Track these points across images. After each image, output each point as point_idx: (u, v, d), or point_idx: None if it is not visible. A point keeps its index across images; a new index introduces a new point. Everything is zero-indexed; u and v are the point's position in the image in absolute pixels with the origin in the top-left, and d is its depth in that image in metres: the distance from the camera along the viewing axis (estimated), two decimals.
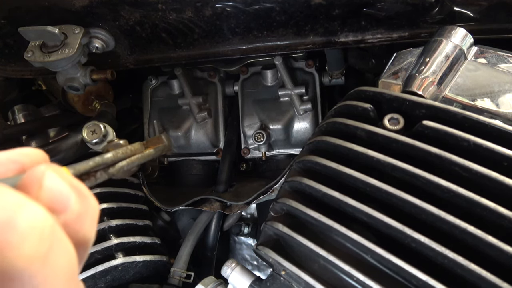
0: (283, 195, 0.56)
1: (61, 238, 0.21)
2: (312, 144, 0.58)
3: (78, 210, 0.23)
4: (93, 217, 0.24)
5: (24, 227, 0.19)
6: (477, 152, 0.46)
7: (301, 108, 0.97)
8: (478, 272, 0.40)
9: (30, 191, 0.21)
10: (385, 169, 0.49)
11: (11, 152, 0.24)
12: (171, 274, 0.89)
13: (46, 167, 0.22)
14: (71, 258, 0.21)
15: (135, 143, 0.37)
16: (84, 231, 0.23)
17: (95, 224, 0.24)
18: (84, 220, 0.23)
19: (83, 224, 0.23)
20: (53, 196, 0.22)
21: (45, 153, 0.26)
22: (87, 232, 0.23)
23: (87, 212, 0.23)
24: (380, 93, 0.56)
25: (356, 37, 0.77)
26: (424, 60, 0.60)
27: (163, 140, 0.41)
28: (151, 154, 0.38)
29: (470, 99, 0.57)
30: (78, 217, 0.23)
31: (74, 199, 0.23)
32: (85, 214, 0.23)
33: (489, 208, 0.42)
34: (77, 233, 0.23)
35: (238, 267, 0.60)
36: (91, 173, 0.31)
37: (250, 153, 1.04)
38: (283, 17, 0.76)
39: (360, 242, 0.47)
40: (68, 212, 0.22)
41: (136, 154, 0.36)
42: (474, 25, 0.71)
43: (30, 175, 0.22)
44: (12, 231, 0.19)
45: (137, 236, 0.84)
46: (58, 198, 0.22)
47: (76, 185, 0.23)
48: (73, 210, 0.22)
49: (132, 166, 0.35)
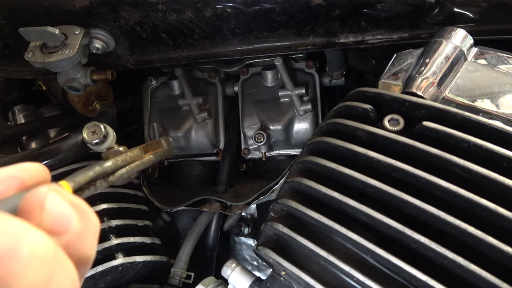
0: (283, 195, 0.56)
1: (62, 261, 0.21)
2: (312, 145, 0.58)
3: (79, 229, 0.23)
4: (94, 234, 0.24)
5: (26, 255, 0.19)
6: (477, 153, 0.46)
7: (301, 109, 0.97)
8: (478, 273, 0.40)
9: (32, 215, 0.22)
10: (385, 170, 0.49)
11: (10, 168, 0.24)
12: (171, 274, 0.89)
13: (47, 189, 0.23)
14: (72, 279, 0.22)
15: (135, 149, 0.37)
16: (86, 250, 0.23)
17: (95, 241, 0.24)
18: (85, 239, 0.23)
19: (84, 242, 0.23)
20: (54, 218, 0.22)
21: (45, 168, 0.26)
22: (88, 250, 0.24)
23: (88, 230, 0.24)
24: (380, 94, 0.56)
25: (356, 38, 0.77)
26: (424, 61, 0.60)
27: (163, 144, 0.41)
28: (151, 160, 0.38)
29: (470, 100, 0.57)
30: (79, 236, 0.23)
31: (75, 219, 0.23)
32: (86, 232, 0.23)
33: (489, 208, 0.42)
34: (78, 252, 0.23)
35: (238, 267, 0.60)
36: (91, 182, 0.31)
37: (250, 154, 1.04)
38: (283, 18, 0.76)
39: (360, 242, 0.47)
40: (69, 232, 0.22)
41: (136, 161, 0.36)
42: (474, 26, 0.71)
43: (31, 198, 0.22)
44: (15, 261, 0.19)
45: (137, 237, 0.84)
46: (59, 220, 0.22)
47: (76, 203, 0.24)
48: (74, 230, 0.23)
49: (131, 173, 0.35)
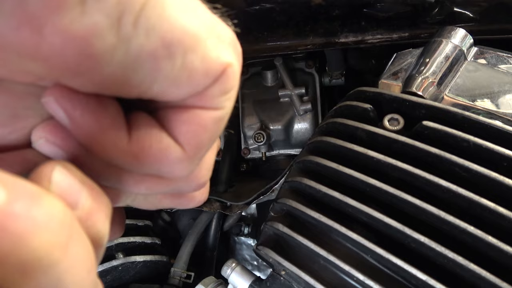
0: (283, 195, 0.56)
1: (79, 231, 0.20)
2: (312, 144, 0.58)
3: (90, 206, 0.22)
4: (106, 214, 0.23)
5: (43, 215, 0.18)
6: (477, 153, 0.46)
7: (301, 109, 0.97)
8: (478, 272, 0.40)
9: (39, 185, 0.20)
10: (385, 169, 0.49)
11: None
12: (171, 274, 0.89)
13: (55, 163, 0.22)
14: (89, 251, 0.21)
15: None
16: (97, 228, 0.22)
17: (108, 222, 0.23)
18: (97, 217, 0.22)
19: (96, 221, 0.22)
20: (63, 190, 0.21)
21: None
22: (101, 229, 0.23)
23: (100, 208, 0.23)
24: (380, 94, 0.56)
25: (356, 38, 0.77)
26: (424, 60, 0.60)
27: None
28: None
29: (470, 100, 0.57)
30: (89, 214, 0.22)
31: (85, 195, 0.22)
32: (98, 210, 0.22)
33: (488, 208, 0.42)
34: (90, 230, 0.22)
35: (238, 267, 0.60)
36: None
37: (250, 154, 1.04)
38: (283, 18, 0.76)
39: (360, 242, 0.47)
40: (79, 208, 0.22)
41: None
42: (474, 25, 0.71)
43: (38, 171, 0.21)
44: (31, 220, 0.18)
45: (137, 236, 0.84)
46: (68, 193, 0.21)
47: (86, 181, 0.23)
48: (84, 206, 0.22)
49: None
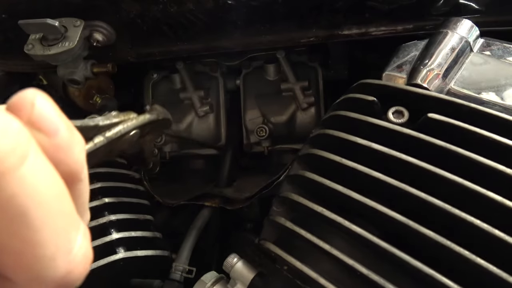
0: (285, 189, 0.56)
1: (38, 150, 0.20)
2: (315, 138, 0.57)
3: (68, 137, 0.22)
4: (81, 149, 0.23)
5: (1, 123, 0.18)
6: (483, 145, 0.45)
7: (304, 102, 0.96)
8: (485, 267, 0.39)
9: (22, 110, 0.20)
10: (390, 163, 0.48)
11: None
12: (173, 269, 0.89)
13: (36, 91, 0.21)
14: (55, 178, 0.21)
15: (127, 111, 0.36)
16: (73, 161, 0.22)
17: (83, 157, 0.23)
18: (73, 149, 0.22)
19: (72, 153, 0.22)
20: (45, 116, 0.21)
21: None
22: (75, 163, 0.22)
23: (76, 142, 0.22)
24: (384, 86, 0.55)
25: (359, 30, 0.76)
26: (429, 52, 0.59)
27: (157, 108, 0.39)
28: (146, 119, 0.36)
29: (476, 92, 0.56)
30: (68, 145, 0.22)
31: (64, 125, 0.22)
32: (74, 143, 0.22)
33: (495, 201, 0.41)
34: (66, 161, 0.22)
35: (240, 261, 0.59)
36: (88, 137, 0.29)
37: (252, 148, 1.03)
38: (286, 10, 0.75)
39: (363, 236, 0.46)
40: (58, 136, 0.21)
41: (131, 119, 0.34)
42: (479, 17, 0.70)
43: (20, 95, 0.21)
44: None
45: (138, 231, 0.84)
46: (50, 119, 0.21)
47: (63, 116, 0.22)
48: (63, 135, 0.21)
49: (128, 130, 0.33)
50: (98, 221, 0.78)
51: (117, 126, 0.32)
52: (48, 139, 0.21)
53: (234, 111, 1.06)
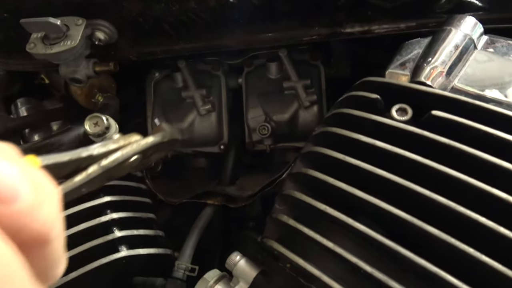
0: (288, 187, 0.56)
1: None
2: (317, 136, 0.57)
3: (32, 199, 0.19)
4: (52, 206, 0.21)
5: None
6: (487, 142, 0.45)
7: (306, 100, 0.96)
8: (490, 264, 0.39)
9: None
10: (393, 160, 0.48)
11: None
12: (176, 267, 0.89)
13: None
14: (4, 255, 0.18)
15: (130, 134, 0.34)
16: (39, 224, 0.20)
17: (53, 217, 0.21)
18: (39, 211, 0.20)
19: (37, 216, 0.20)
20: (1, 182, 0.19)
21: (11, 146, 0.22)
22: (44, 224, 0.20)
23: (43, 200, 0.20)
24: (387, 83, 0.55)
25: (362, 28, 0.76)
26: (432, 50, 0.59)
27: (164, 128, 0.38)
28: (149, 143, 0.35)
29: (480, 90, 0.55)
30: (31, 208, 0.19)
31: (27, 186, 0.20)
32: (40, 204, 0.20)
33: (500, 198, 0.41)
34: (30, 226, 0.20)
35: (243, 259, 0.59)
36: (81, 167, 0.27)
37: (255, 146, 1.03)
38: (288, 8, 0.75)
39: (367, 234, 0.46)
40: (18, 202, 0.19)
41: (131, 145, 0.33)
42: (483, 14, 0.70)
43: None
44: None
45: (140, 229, 0.84)
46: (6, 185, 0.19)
47: (31, 172, 0.20)
48: (25, 199, 0.19)
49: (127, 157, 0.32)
50: (101, 219, 0.78)
51: (115, 154, 0.31)
52: (4, 206, 0.19)
53: (236, 110, 1.06)
